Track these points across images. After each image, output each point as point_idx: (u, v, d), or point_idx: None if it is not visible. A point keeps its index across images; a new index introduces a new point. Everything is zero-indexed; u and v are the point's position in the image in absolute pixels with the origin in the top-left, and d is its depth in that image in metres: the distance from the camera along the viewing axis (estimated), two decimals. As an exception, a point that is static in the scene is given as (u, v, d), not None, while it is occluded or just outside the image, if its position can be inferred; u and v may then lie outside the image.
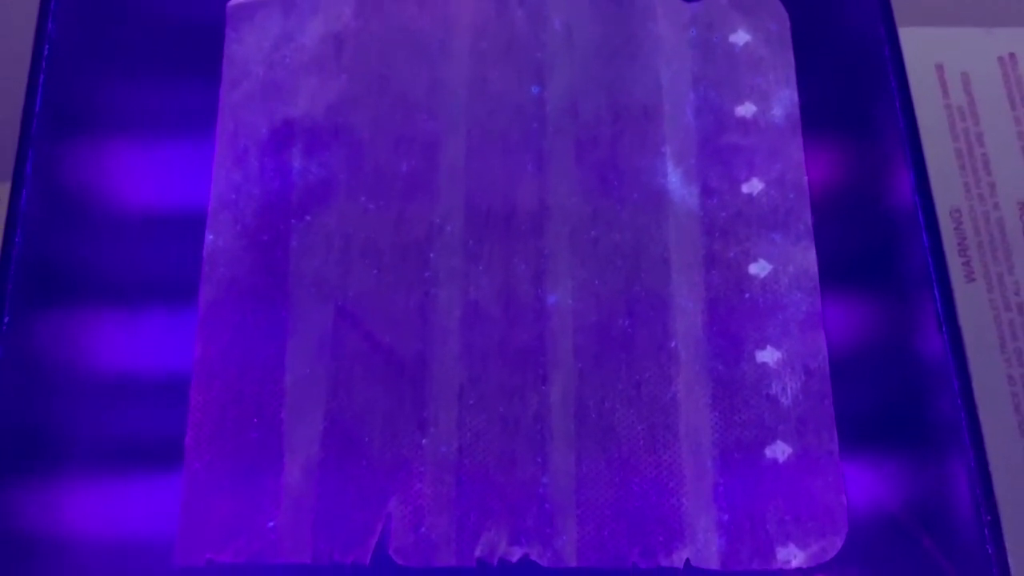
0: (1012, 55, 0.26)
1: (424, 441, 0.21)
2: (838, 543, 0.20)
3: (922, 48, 0.26)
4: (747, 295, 0.23)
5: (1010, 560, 0.21)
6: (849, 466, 0.22)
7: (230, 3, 0.25)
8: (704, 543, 0.20)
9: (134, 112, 0.25)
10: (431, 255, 0.23)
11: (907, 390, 0.23)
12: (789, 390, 0.22)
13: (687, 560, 0.20)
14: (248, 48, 0.24)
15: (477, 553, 0.20)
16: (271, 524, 0.20)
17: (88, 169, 0.25)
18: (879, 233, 0.24)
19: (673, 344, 0.22)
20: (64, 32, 0.24)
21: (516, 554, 0.20)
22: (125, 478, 0.22)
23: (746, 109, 0.24)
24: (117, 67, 0.25)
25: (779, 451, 0.21)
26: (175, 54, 0.25)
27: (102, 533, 0.22)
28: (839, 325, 0.23)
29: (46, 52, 0.24)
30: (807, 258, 0.23)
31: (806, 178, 0.24)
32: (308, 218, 0.22)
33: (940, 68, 0.26)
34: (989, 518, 0.21)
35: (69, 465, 0.22)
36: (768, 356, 0.22)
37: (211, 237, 0.22)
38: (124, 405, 0.22)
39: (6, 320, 0.21)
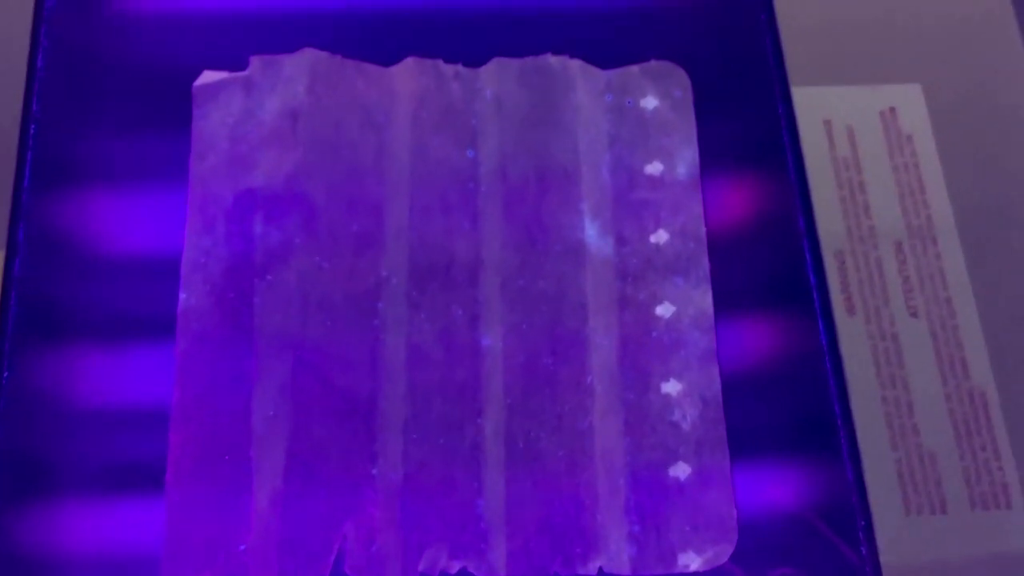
0: (892, 109, 0.30)
1: (374, 471, 0.24)
2: (729, 549, 0.24)
3: (812, 105, 0.29)
4: (654, 333, 0.26)
5: (881, 559, 0.25)
6: (746, 475, 0.25)
7: (196, 83, 0.28)
8: (616, 552, 0.24)
9: (115, 166, 0.28)
10: (379, 305, 0.26)
11: (796, 410, 0.26)
12: (689, 417, 0.25)
13: (600, 568, 0.23)
14: (213, 124, 0.27)
15: (421, 567, 0.23)
16: (243, 547, 0.23)
17: (75, 219, 0.27)
18: (771, 270, 0.28)
19: (589, 379, 0.25)
20: (51, 95, 0.27)
21: (455, 567, 0.24)
22: (114, 502, 0.25)
23: (654, 167, 0.28)
24: (99, 125, 0.28)
25: (680, 470, 0.24)
26: (153, 112, 0.28)
27: (93, 554, 0.24)
28: (735, 351, 0.27)
29: (34, 114, 0.27)
30: (705, 300, 0.26)
31: (704, 229, 0.27)
32: (269, 277, 0.25)
33: (828, 123, 0.29)
34: (863, 523, 0.24)
35: (61, 491, 0.24)
36: (671, 387, 0.25)
37: (184, 296, 0.25)
38: (111, 434, 0.25)
39: (7, 360, 0.24)
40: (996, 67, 0.30)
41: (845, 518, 0.24)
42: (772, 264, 0.27)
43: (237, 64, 0.28)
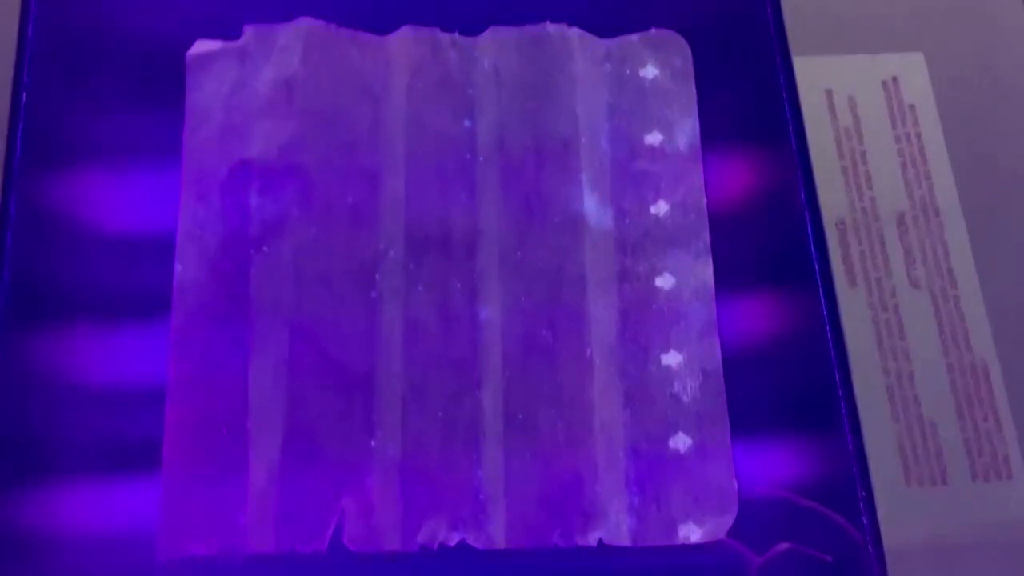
0: (895, 79, 0.29)
1: (372, 443, 0.24)
2: (729, 520, 0.24)
3: (813, 75, 0.29)
4: (654, 306, 0.26)
5: (882, 530, 0.24)
6: (747, 448, 0.25)
7: (189, 53, 0.27)
8: (616, 524, 0.24)
9: (108, 142, 0.27)
10: (376, 277, 0.25)
11: (797, 383, 0.26)
12: (689, 389, 0.25)
13: (599, 539, 0.23)
14: (207, 95, 0.27)
15: (420, 539, 0.23)
16: (241, 520, 0.23)
17: (68, 196, 0.27)
18: (772, 242, 0.27)
19: (589, 351, 0.25)
20: (41, 69, 0.27)
21: (454, 539, 0.24)
22: (110, 480, 0.24)
23: (654, 138, 0.27)
24: (91, 100, 0.28)
25: (680, 442, 0.24)
26: (145, 86, 0.28)
27: (90, 531, 0.24)
28: (736, 325, 0.26)
29: (25, 83, 0.26)
30: (705, 272, 0.26)
31: (705, 200, 0.27)
32: (265, 249, 0.25)
33: (829, 93, 0.29)
34: (864, 494, 0.24)
35: (55, 470, 0.24)
36: (671, 359, 0.25)
37: (179, 268, 0.25)
38: (106, 412, 0.25)
39: None
40: (1000, 35, 0.29)
41: (846, 489, 0.24)
42: (773, 236, 0.27)
43: (232, 34, 0.27)
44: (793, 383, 0.26)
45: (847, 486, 0.24)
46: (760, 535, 0.24)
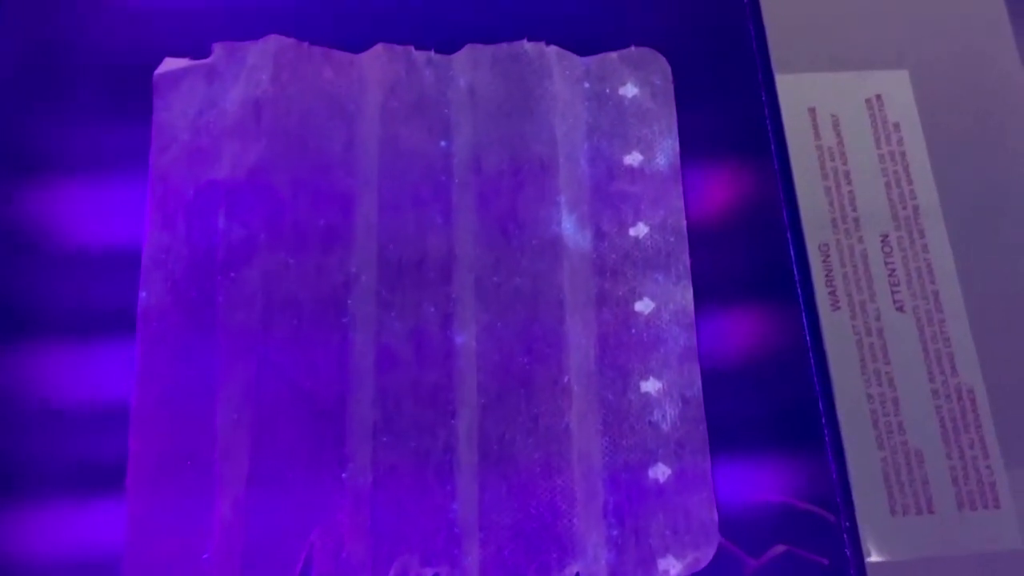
0: (879, 96, 0.29)
1: (343, 475, 0.23)
2: (710, 553, 0.23)
3: (796, 93, 0.28)
4: (633, 330, 0.25)
5: (867, 560, 0.24)
6: (726, 475, 0.25)
7: (156, 72, 0.27)
8: (594, 557, 0.23)
9: (77, 156, 0.27)
10: (348, 303, 0.25)
11: (779, 408, 0.25)
12: (669, 417, 0.24)
13: (577, 574, 0.23)
14: (174, 115, 0.26)
15: (392, 574, 0.23)
16: (205, 556, 0.22)
17: (35, 210, 0.26)
18: (754, 264, 0.27)
19: (567, 378, 0.24)
20: (5, 81, 0.26)
21: (427, 574, 0.23)
22: (74, 503, 0.24)
23: (633, 158, 0.27)
24: (58, 113, 0.27)
25: (660, 472, 0.24)
26: (115, 100, 0.27)
27: (53, 556, 0.23)
28: (716, 347, 0.26)
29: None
30: (685, 296, 0.25)
31: (685, 221, 0.26)
32: (232, 275, 0.24)
33: (812, 111, 0.28)
34: (848, 524, 0.24)
35: (19, 491, 0.24)
36: (651, 386, 0.24)
37: (144, 295, 0.24)
38: (71, 433, 0.24)
39: None
40: (984, 53, 0.29)
41: (824, 520, 0.24)
42: (755, 257, 0.26)
43: (201, 52, 0.27)
44: (774, 407, 0.25)
45: (830, 514, 0.24)
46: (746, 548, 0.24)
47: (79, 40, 0.27)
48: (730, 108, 0.28)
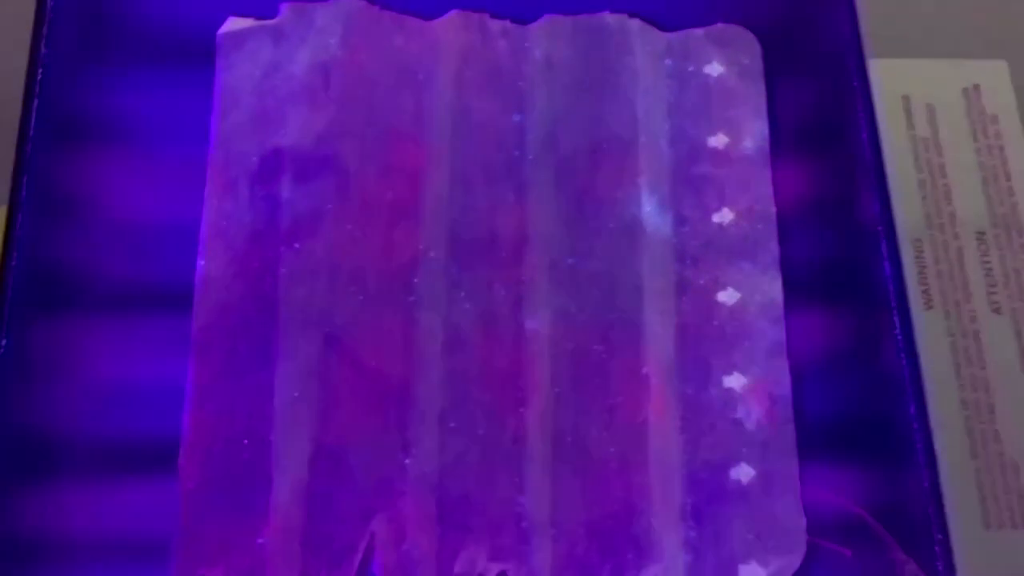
0: (976, 87, 0.27)
1: (407, 461, 0.22)
2: (796, 562, 0.22)
3: (890, 79, 0.27)
4: (716, 322, 0.24)
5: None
6: (814, 474, 0.23)
7: (220, 31, 0.25)
8: (671, 560, 0.22)
9: (131, 118, 0.26)
10: (415, 281, 0.24)
11: (869, 411, 0.24)
12: (754, 415, 0.23)
13: (654, 577, 0.21)
14: (238, 77, 0.25)
15: (457, 569, 0.21)
16: (261, 541, 0.21)
17: (87, 179, 0.25)
18: (845, 258, 0.25)
19: (645, 370, 0.23)
20: (61, 42, 0.25)
21: (494, 570, 0.21)
22: (120, 483, 0.23)
23: (719, 140, 0.25)
24: (114, 77, 0.26)
25: (743, 473, 0.22)
26: (174, 64, 0.26)
27: (97, 538, 0.22)
28: (802, 346, 0.24)
29: (43, 59, 0.24)
30: (773, 288, 0.24)
31: (774, 209, 0.25)
32: (297, 246, 0.23)
33: (907, 99, 0.27)
34: (940, 536, 0.22)
35: (64, 470, 0.23)
36: (735, 382, 0.23)
37: (203, 263, 0.23)
38: (122, 410, 0.23)
39: (6, 327, 0.22)
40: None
41: (921, 531, 0.22)
42: (844, 251, 0.25)
43: (267, 12, 0.26)
44: (863, 412, 0.24)
45: (922, 527, 0.22)
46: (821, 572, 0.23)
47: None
48: (820, 92, 0.26)
